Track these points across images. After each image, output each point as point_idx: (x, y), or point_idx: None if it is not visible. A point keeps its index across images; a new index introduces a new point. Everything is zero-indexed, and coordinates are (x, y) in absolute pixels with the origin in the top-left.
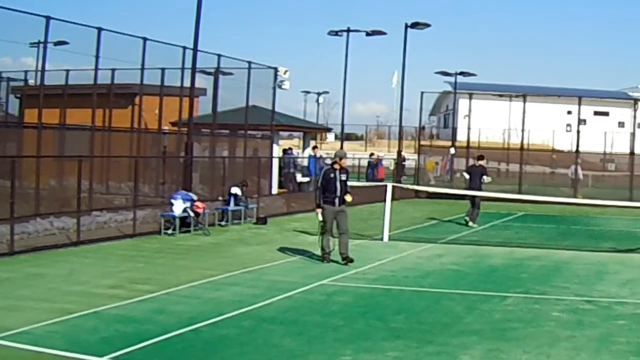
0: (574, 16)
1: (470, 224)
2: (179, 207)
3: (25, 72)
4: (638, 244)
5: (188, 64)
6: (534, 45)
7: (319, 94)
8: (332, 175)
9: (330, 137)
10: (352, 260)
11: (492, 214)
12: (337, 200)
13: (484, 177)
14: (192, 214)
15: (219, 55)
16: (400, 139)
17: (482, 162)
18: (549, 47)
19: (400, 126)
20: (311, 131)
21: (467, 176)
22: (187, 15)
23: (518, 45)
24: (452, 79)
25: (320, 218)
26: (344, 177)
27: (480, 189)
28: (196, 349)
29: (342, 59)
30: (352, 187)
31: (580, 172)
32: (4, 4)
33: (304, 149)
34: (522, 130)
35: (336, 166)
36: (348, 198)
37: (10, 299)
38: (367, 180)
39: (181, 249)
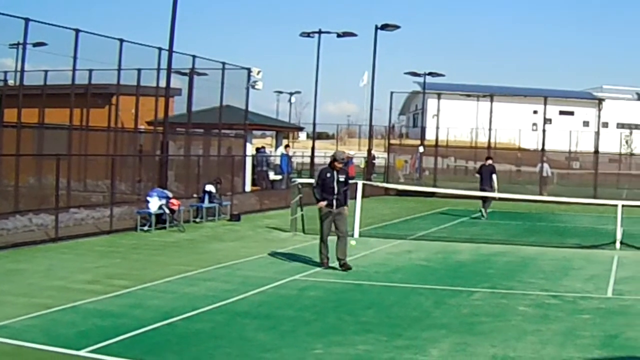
0: (540, 18)
1: (483, 212)
2: (154, 204)
3: (5, 72)
4: (602, 241)
5: (164, 64)
6: (501, 47)
7: (291, 93)
8: (328, 174)
9: (302, 136)
10: (350, 268)
11: (460, 210)
12: (334, 202)
13: (494, 175)
14: (167, 211)
15: (194, 56)
16: (370, 137)
17: (490, 162)
18: (515, 48)
19: (371, 125)
20: (283, 130)
21: (477, 176)
22: (163, 17)
23: (486, 46)
24: (421, 80)
25: (324, 204)
26: (342, 178)
27: (491, 187)
28: (171, 342)
29: (313, 59)
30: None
31: (548, 169)
32: None
33: (276, 147)
34: (489, 130)
35: (336, 165)
36: (344, 211)
37: None
38: None
39: (157, 245)
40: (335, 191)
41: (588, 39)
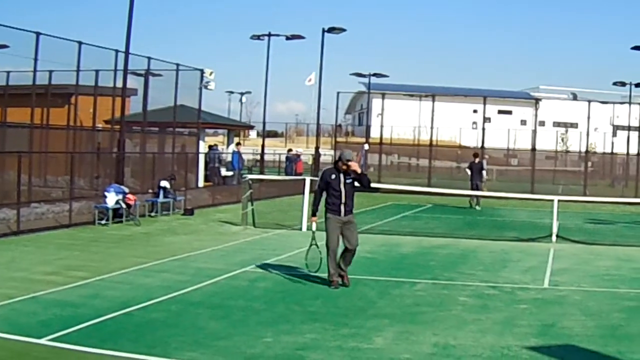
0: (480, 21)
1: (477, 207)
2: (111, 199)
3: None
4: (539, 234)
5: (120, 66)
6: (443, 48)
7: (242, 93)
8: (333, 176)
9: (253, 134)
10: (347, 285)
11: (403, 205)
12: (342, 208)
13: (483, 171)
14: (124, 206)
15: (149, 58)
16: (317, 136)
17: (479, 159)
18: (456, 50)
19: (318, 124)
20: (235, 128)
21: (468, 172)
22: (120, 20)
23: (428, 48)
24: (366, 80)
25: (314, 228)
26: (349, 180)
27: (481, 181)
28: (128, 331)
29: (263, 61)
30: (271, 180)
31: (485, 166)
32: None
33: (228, 145)
34: (431, 128)
35: (341, 165)
36: (354, 219)
37: None
38: (287, 174)
39: (114, 238)
40: (343, 195)
41: (525, 41)
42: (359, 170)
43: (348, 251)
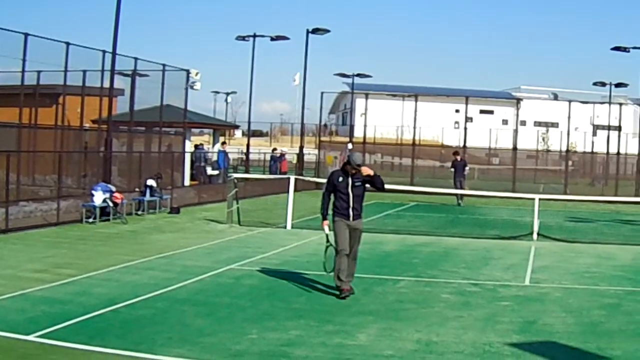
0: (462, 22)
1: (461, 203)
2: (99, 197)
3: None
4: (520, 232)
5: (107, 66)
6: (426, 49)
7: (227, 94)
8: (340, 179)
9: (238, 133)
10: (348, 295)
11: (386, 204)
12: (350, 212)
13: (466, 168)
14: (111, 204)
15: (136, 59)
16: (302, 135)
17: (459, 157)
18: (439, 51)
19: (302, 123)
20: (220, 128)
21: (452, 170)
22: (107, 21)
23: (411, 49)
24: (349, 80)
25: (327, 231)
26: (358, 183)
27: (464, 178)
28: (115, 327)
29: (248, 61)
30: (256, 179)
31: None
32: None
33: (213, 144)
34: (414, 127)
35: (349, 170)
36: (361, 225)
37: None
38: (271, 173)
39: (101, 236)
40: (351, 199)
41: (507, 42)
42: (371, 173)
43: (348, 257)
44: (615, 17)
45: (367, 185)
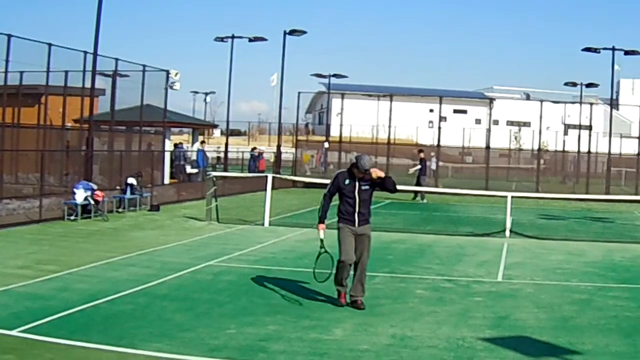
0: (436, 23)
1: (424, 200)
2: (80, 195)
3: None
4: (493, 229)
5: (89, 66)
6: (400, 50)
7: (206, 93)
8: (347, 182)
9: (217, 132)
10: (362, 308)
11: None
12: (356, 218)
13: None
14: (92, 202)
15: (117, 59)
16: (279, 134)
17: (423, 155)
18: (413, 52)
19: (280, 123)
20: (199, 127)
21: (418, 167)
22: (88, 22)
23: (386, 50)
24: (326, 81)
25: (321, 236)
26: (366, 186)
27: (425, 175)
28: (96, 322)
29: (227, 62)
30: (235, 177)
31: (435, 163)
32: None
33: (193, 143)
34: (389, 127)
35: (357, 173)
36: (368, 231)
37: None
38: (250, 172)
39: (83, 234)
40: (357, 203)
41: (480, 43)
42: (382, 175)
43: (357, 269)
44: (586, 18)
45: (376, 188)
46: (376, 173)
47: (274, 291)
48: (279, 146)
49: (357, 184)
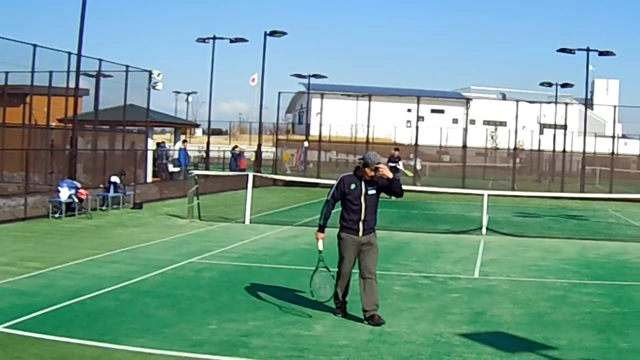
0: (414, 24)
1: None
2: (65, 193)
3: None
4: (470, 227)
5: (73, 67)
6: (379, 51)
7: (188, 94)
8: (352, 186)
9: (198, 132)
10: (380, 323)
11: None
12: (361, 226)
13: (401, 162)
14: (76, 200)
15: (100, 60)
16: (260, 134)
17: (398, 153)
18: (391, 52)
19: (260, 122)
20: (181, 127)
21: (391, 164)
22: (72, 23)
23: (364, 50)
24: (305, 81)
25: (320, 247)
26: (372, 191)
27: (399, 173)
28: (80, 318)
29: (208, 62)
30: (216, 176)
31: (419, 162)
32: None
33: (175, 142)
34: (368, 126)
35: (367, 172)
36: (374, 240)
37: None
38: (231, 170)
39: (67, 231)
40: (363, 209)
41: (457, 43)
42: (390, 175)
43: (364, 279)
44: (561, 19)
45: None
46: (385, 170)
47: (254, 287)
48: (259, 145)
49: (364, 189)
